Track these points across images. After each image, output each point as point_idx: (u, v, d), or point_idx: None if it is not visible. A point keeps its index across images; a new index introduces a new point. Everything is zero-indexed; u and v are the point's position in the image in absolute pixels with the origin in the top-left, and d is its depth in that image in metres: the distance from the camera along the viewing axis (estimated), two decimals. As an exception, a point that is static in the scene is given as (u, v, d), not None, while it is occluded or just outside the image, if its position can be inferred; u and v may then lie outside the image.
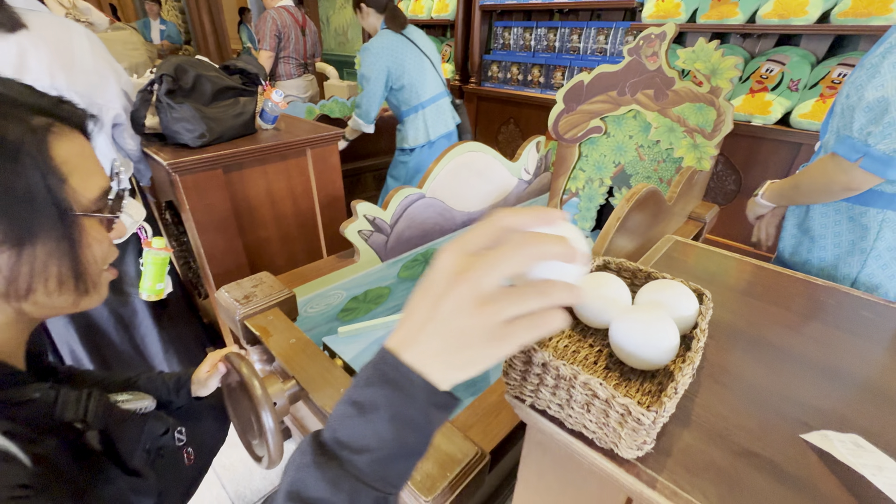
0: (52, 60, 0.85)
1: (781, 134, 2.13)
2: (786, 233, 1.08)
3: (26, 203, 0.40)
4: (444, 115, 2.14)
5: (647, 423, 0.31)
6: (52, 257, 0.43)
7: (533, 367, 0.37)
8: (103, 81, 0.93)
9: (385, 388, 0.29)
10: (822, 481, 0.34)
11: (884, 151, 0.74)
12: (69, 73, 0.87)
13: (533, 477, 0.45)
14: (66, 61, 0.87)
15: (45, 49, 0.84)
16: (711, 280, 0.61)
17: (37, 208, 0.41)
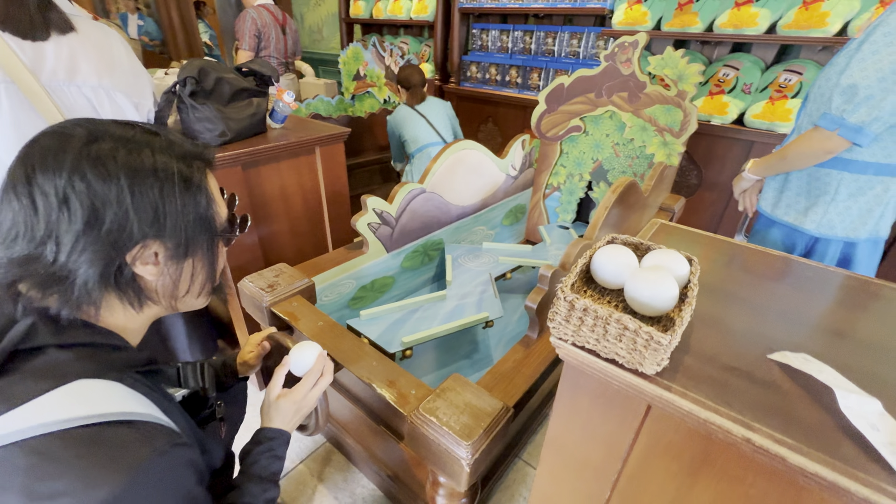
0: (98, 62, 0.90)
1: (737, 132, 2.36)
2: (765, 196, 1.31)
3: (196, 225, 0.51)
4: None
5: (664, 344, 0.44)
6: (202, 267, 0.54)
7: (575, 312, 0.49)
8: (138, 80, 0.98)
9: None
10: (783, 382, 0.48)
11: (854, 123, 0.97)
12: (112, 73, 0.92)
13: (568, 401, 0.57)
14: (109, 63, 0.92)
15: (92, 51, 0.89)
16: (692, 253, 0.75)
17: (201, 229, 0.51)
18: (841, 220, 1.14)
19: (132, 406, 0.43)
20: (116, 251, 0.46)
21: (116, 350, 0.48)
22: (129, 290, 0.49)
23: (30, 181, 0.42)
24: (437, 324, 1.18)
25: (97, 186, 0.43)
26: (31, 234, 0.43)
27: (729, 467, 0.47)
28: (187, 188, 0.49)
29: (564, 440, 0.61)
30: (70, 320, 0.46)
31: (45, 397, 0.40)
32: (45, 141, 0.44)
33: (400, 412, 0.82)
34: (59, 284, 0.45)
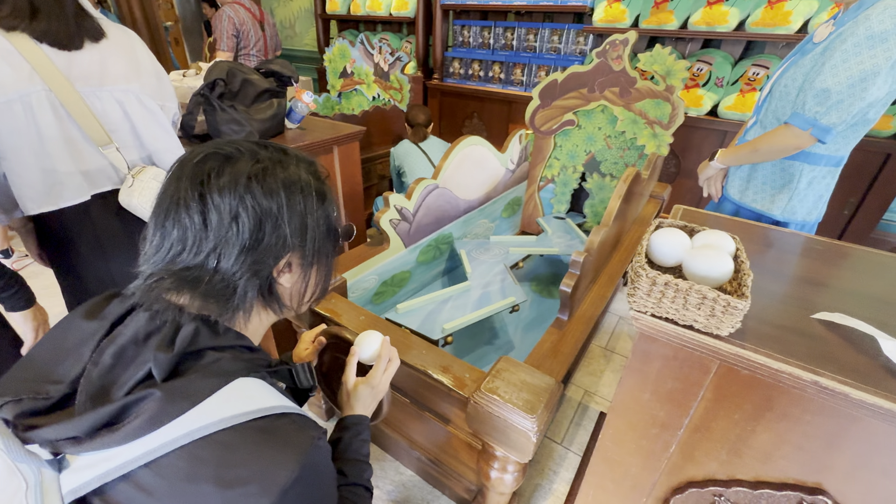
0: (126, 67, 0.89)
1: (711, 123, 2.53)
2: (732, 184, 1.42)
3: (326, 235, 0.55)
4: None
5: (741, 309, 0.52)
6: (324, 274, 0.58)
7: (656, 287, 0.56)
8: (162, 83, 0.97)
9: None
10: (829, 335, 0.57)
11: (825, 124, 1.08)
12: (139, 77, 0.91)
13: (639, 366, 0.64)
14: (135, 67, 0.91)
15: (121, 56, 0.88)
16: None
17: (329, 238, 0.56)
18: (801, 207, 1.28)
19: (282, 400, 0.47)
20: (272, 262, 0.50)
21: (252, 352, 0.52)
22: (272, 298, 0.53)
23: (203, 199, 0.45)
24: (469, 310, 1.24)
25: (263, 202, 0.47)
26: (197, 248, 0.46)
27: (789, 409, 0.55)
28: (322, 200, 0.54)
29: (632, 403, 0.68)
30: (225, 328, 0.49)
31: (218, 395, 0.43)
32: (213, 162, 0.47)
33: (460, 395, 0.87)
34: (220, 295, 0.48)
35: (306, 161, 0.56)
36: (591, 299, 1.21)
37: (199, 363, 0.45)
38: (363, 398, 0.75)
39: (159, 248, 0.47)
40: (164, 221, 0.46)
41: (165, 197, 0.47)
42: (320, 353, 0.94)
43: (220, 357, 0.47)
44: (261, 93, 1.19)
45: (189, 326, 0.46)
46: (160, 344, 0.44)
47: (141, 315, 0.47)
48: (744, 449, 0.62)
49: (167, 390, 0.41)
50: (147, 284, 0.47)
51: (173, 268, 0.47)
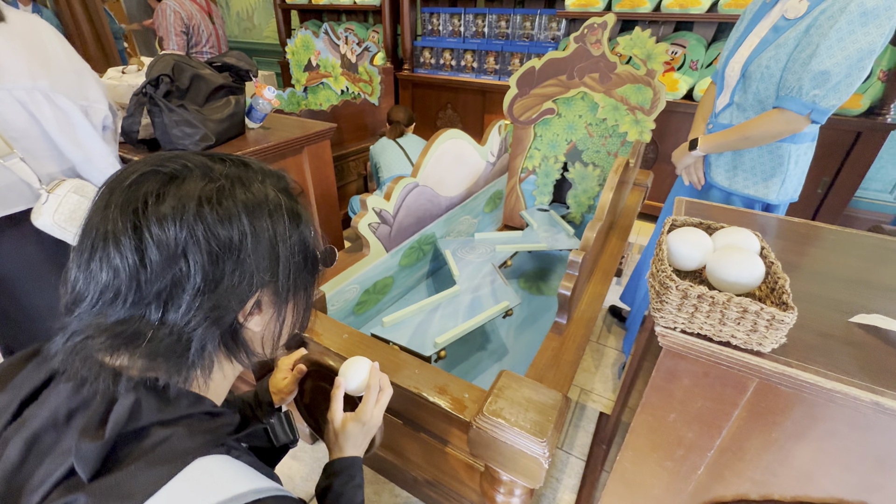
0: (30, 61, 0.74)
1: (688, 107, 2.51)
2: (717, 171, 1.36)
3: (302, 263, 0.46)
4: None
5: (787, 322, 0.45)
6: (301, 309, 0.49)
7: (689, 300, 0.49)
8: (83, 79, 0.82)
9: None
10: (873, 342, 0.51)
11: (825, 107, 1.04)
12: (49, 72, 0.76)
13: (663, 386, 0.58)
14: (43, 59, 0.76)
15: (22, 48, 0.73)
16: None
17: (305, 267, 0.47)
18: (792, 186, 1.25)
19: (253, 481, 0.38)
20: (235, 305, 0.40)
21: (213, 417, 0.41)
22: (238, 347, 0.43)
23: (138, 232, 0.35)
24: (461, 319, 1.15)
25: (220, 232, 0.37)
26: (135, 295, 0.36)
27: (837, 427, 0.50)
28: (296, 223, 0.44)
29: (656, 424, 0.62)
30: (178, 391, 0.39)
31: (168, 489, 0.33)
32: (151, 185, 0.37)
33: (459, 418, 0.79)
34: (169, 352, 0.38)
35: (274, 175, 0.45)
36: (588, 299, 1.14)
37: (142, 446, 0.35)
38: (353, 437, 0.66)
39: (84, 295, 0.36)
40: (88, 262, 0.36)
41: (90, 230, 0.37)
42: (301, 382, 0.84)
43: (171, 434, 0.36)
44: (215, 89, 1.05)
45: (127, 399, 0.36)
46: (86, 426, 0.34)
47: (62, 387, 0.36)
48: (781, 468, 0.57)
49: (96, 494, 0.31)
50: (71, 345, 0.36)
51: (104, 321, 0.36)
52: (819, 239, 0.79)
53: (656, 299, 0.52)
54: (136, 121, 0.94)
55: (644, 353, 0.96)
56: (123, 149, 1.07)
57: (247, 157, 0.46)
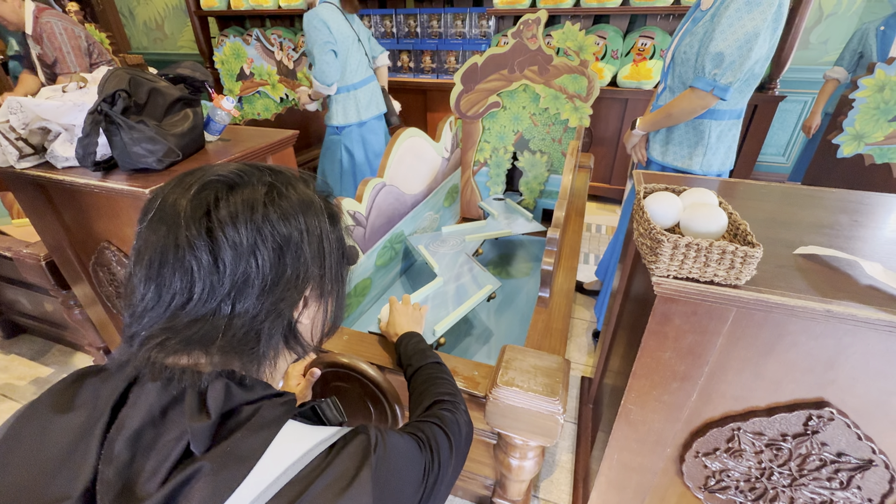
0: None
1: (613, 93, 2.74)
2: (654, 148, 1.54)
3: (341, 260, 0.49)
4: (376, 98, 2.23)
5: (758, 256, 0.55)
6: (338, 304, 0.51)
7: (679, 250, 0.58)
8: None
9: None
10: (816, 267, 0.64)
11: (724, 83, 1.21)
12: None
13: (658, 329, 0.67)
14: None
15: None
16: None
17: (342, 263, 0.50)
18: (715, 159, 1.43)
19: (326, 430, 0.42)
20: (294, 297, 0.43)
21: (280, 397, 0.44)
22: (296, 339, 0.46)
23: (212, 234, 0.37)
24: (451, 307, 1.20)
25: (282, 230, 0.40)
26: (210, 293, 0.38)
27: (798, 338, 0.61)
28: (335, 221, 0.48)
29: (653, 364, 0.71)
30: (252, 381, 0.41)
31: (273, 447, 0.37)
32: (213, 190, 0.39)
33: (475, 395, 0.84)
34: (242, 345, 0.40)
35: (308, 179, 0.49)
36: (563, 273, 1.24)
37: (239, 419, 0.38)
38: (395, 324, 0.91)
39: (156, 303, 0.38)
40: (159, 270, 0.37)
41: (150, 246, 0.38)
42: (314, 386, 0.84)
43: (259, 408, 0.39)
44: (172, 103, 1.01)
45: (218, 384, 0.38)
46: (191, 414, 0.36)
47: (149, 387, 0.38)
48: (756, 382, 0.68)
49: (216, 460, 0.34)
50: (146, 350, 0.37)
51: (178, 324, 0.38)
52: (745, 192, 0.94)
53: (650, 254, 0.61)
54: (93, 141, 0.88)
55: (618, 322, 1.07)
56: (79, 172, 0.99)
57: (275, 164, 0.49)
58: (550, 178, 2.12)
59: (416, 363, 0.79)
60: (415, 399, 0.72)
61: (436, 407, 0.66)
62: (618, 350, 1.11)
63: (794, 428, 0.68)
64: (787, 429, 0.69)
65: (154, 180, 0.96)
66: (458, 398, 0.69)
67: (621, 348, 1.05)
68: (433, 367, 0.77)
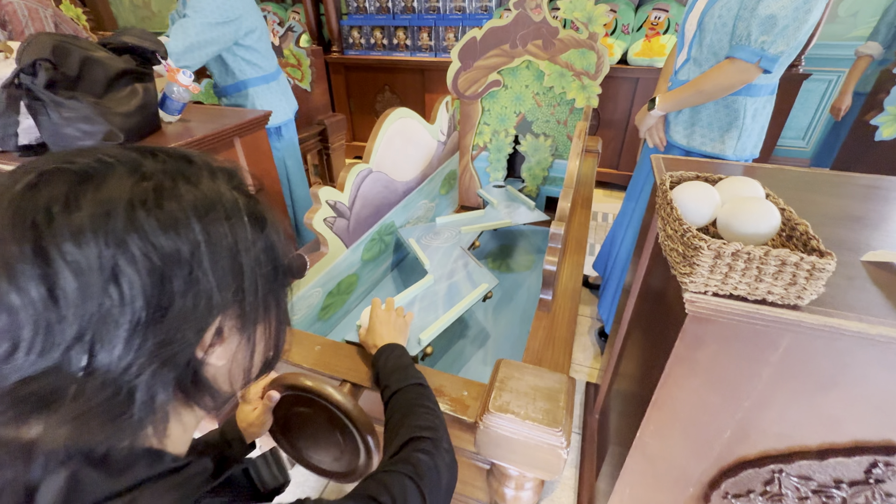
0: None
1: (622, 72, 2.56)
2: (676, 130, 1.36)
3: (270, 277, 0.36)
4: (290, 91, 1.97)
5: (829, 270, 0.42)
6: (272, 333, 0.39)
7: (722, 260, 0.44)
8: None
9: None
10: (888, 277, 0.50)
11: (773, 53, 1.03)
12: None
13: (686, 355, 0.54)
14: None
15: None
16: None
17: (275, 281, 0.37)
18: (750, 142, 1.25)
19: None
20: (192, 336, 0.30)
21: (179, 471, 0.31)
22: (200, 390, 0.33)
23: (46, 257, 0.25)
24: (441, 310, 1.07)
25: (162, 243, 0.28)
26: (46, 339, 0.25)
27: (868, 370, 0.48)
28: (261, 226, 0.35)
29: (679, 393, 0.58)
30: (127, 453, 0.28)
31: None
32: (56, 188, 0.26)
33: (462, 420, 0.72)
34: (104, 411, 0.27)
35: (225, 170, 0.35)
36: (568, 270, 1.11)
37: None
38: (374, 333, 0.80)
39: None
40: None
41: None
42: (275, 409, 0.72)
43: (130, 501, 0.27)
44: (116, 76, 0.87)
45: (54, 480, 0.25)
46: None
47: None
48: (807, 419, 0.55)
49: None
50: None
51: (7, 382, 0.25)
52: (790, 181, 0.79)
53: (683, 263, 0.47)
54: (12, 121, 0.74)
55: (632, 326, 0.93)
56: (6, 157, 0.86)
57: (186, 150, 0.35)
58: (555, 164, 1.97)
59: (394, 384, 0.67)
60: (390, 430, 0.61)
61: (411, 447, 0.53)
62: (630, 359, 0.98)
63: (851, 474, 0.55)
64: (843, 475, 0.56)
65: (92, 167, 0.82)
66: (440, 432, 0.57)
67: (634, 358, 0.93)
68: (414, 392, 0.65)
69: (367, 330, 0.84)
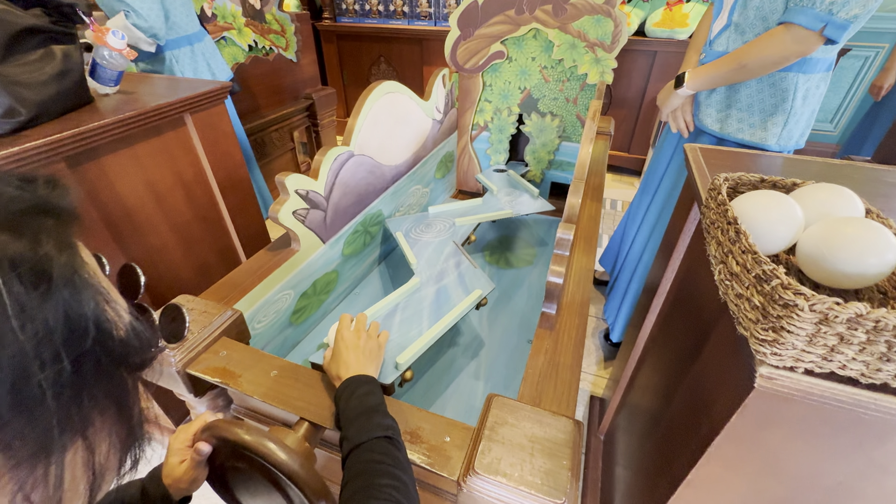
0: None
1: (640, 44, 2.33)
2: (707, 113, 1.15)
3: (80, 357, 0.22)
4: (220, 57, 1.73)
5: None
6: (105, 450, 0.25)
7: (832, 328, 0.29)
8: None
9: None
10: None
11: (844, 18, 0.83)
12: None
13: (748, 433, 0.39)
14: None
15: None
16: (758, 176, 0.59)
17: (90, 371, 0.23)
18: (798, 129, 1.05)
19: None
20: None
21: None
22: None
23: None
24: (426, 322, 0.92)
25: None
26: None
27: None
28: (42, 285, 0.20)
29: (728, 475, 0.44)
30: None
31: None
32: None
33: (442, 477, 0.58)
34: None
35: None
36: (576, 276, 0.95)
37: None
38: (338, 362, 0.67)
39: None
40: None
41: None
42: (210, 461, 0.58)
43: None
44: (19, 35, 0.69)
45: None
46: None
47: None
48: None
49: None
50: None
51: None
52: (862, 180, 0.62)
53: (763, 324, 0.32)
54: None
55: (653, 341, 0.78)
56: None
57: None
58: (562, 146, 1.79)
59: (354, 436, 0.53)
60: (345, 498, 0.47)
61: None
62: (650, 382, 0.84)
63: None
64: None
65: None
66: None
67: (656, 385, 0.78)
68: (378, 449, 0.51)
69: (332, 355, 0.69)
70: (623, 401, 1.01)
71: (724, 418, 0.40)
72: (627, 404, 0.97)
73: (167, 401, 1.18)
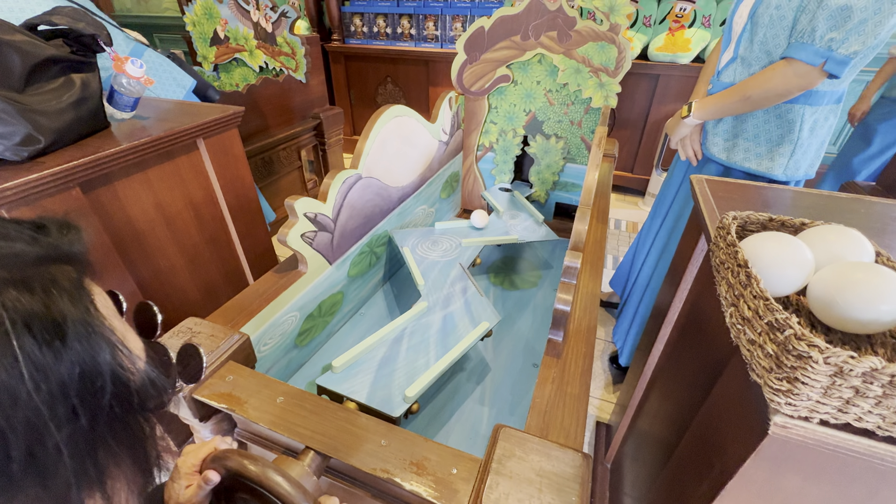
0: None
1: (642, 67, 2.37)
2: (713, 142, 1.17)
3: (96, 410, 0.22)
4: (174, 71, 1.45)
5: None
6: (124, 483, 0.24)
7: (846, 381, 0.29)
8: None
9: None
10: None
11: (844, 54, 0.84)
12: None
13: (761, 477, 0.38)
14: None
15: None
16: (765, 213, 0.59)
17: (106, 420, 0.23)
18: (806, 160, 1.06)
19: None
20: None
21: None
22: None
23: None
24: (432, 350, 0.92)
25: None
26: None
27: None
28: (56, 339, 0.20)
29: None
30: None
31: None
32: None
33: (449, 510, 0.57)
34: None
35: (9, 243, 0.21)
36: (583, 302, 0.95)
37: None
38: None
39: None
40: None
41: None
42: (215, 491, 0.58)
43: None
44: (40, 66, 0.71)
45: None
46: None
47: None
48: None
49: None
50: None
51: None
52: (881, 219, 0.63)
53: (776, 373, 0.32)
54: None
55: (661, 368, 0.78)
56: None
57: None
58: (566, 168, 1.81)
59: None
60: None
61: None
62: (656, 409, 0.83)
63: None
64: None
65: (6, 177, 0.67)
66: None
67: (662, 414, 0.77)
68: None
69: None
70: (631, 429, 0.99)
71: (737, 462, 0.39)
72: (635, 432, 0.96)
73: (169, 421, 1.18)
